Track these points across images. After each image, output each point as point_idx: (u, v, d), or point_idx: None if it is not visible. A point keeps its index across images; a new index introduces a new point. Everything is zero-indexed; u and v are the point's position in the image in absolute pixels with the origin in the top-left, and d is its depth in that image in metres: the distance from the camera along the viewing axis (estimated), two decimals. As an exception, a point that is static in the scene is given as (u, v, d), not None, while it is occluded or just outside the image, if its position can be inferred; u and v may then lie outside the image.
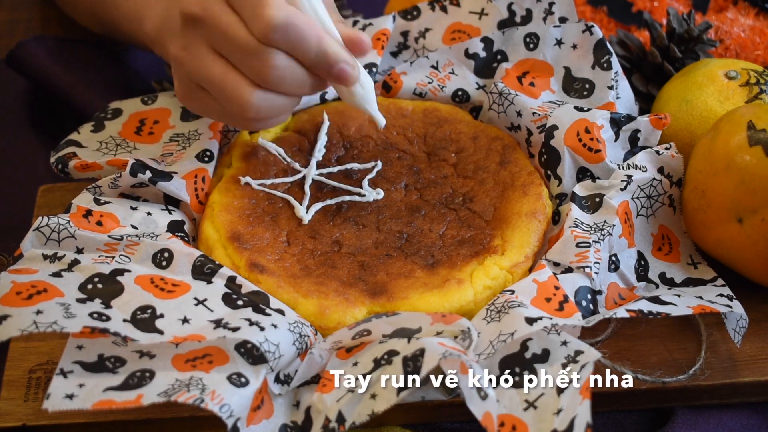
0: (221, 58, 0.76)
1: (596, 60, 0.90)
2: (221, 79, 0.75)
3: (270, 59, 0.74)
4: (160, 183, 0.82)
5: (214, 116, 0.80)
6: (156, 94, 0.92)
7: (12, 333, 0.67)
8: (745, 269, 0.81)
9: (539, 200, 0.84)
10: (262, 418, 0.71)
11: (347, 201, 0.85)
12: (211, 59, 0.76)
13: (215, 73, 0.76)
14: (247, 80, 0.75)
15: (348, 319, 0.76)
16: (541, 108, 0.88)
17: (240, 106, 0.76)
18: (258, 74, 0.75)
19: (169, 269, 0.77)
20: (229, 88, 0.75)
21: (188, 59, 0.76)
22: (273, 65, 0.74)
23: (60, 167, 0.85)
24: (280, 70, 0.75)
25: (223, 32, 0.74)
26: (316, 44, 0.75)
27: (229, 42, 0.74)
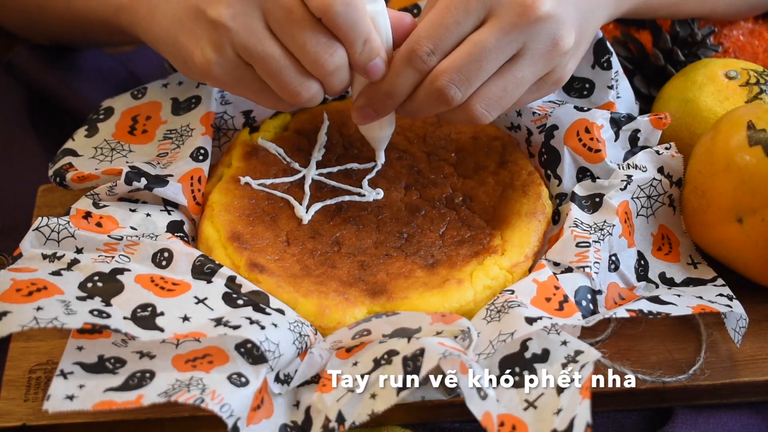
0: (276, 38, 0.73)
1: (596, 59, 0.90)
2: (279, 63, 0.73)
3: (332, 48, 0.73)
4: (156, 189, 0.82)
5: (248, 94, 0.78)
6: (145, 86, 0.92)
7: (12, 329, 0.67)
8: (745, 269, 0.81)
9: (539, 200, 0.84)
10: (262, 418, 0.71)
11: (347, 201, 0.85)
12: (267, 36, 0.73)
13: (273, 54, 0.73)
14: (303, 70, 0.74)
15: (348, 319, 0.76)
16: (541, 108, 0.88)
17: (291, 95, 0.74)
18: (315, 64, 0.73)
19: (168, 269, 0.77)
20: (285, 77, 0.73)
21: (240, 30, 0.73)
22: (334, 54, 0.73)
23: (58, 180, 0.85)
24: (339, 60, 0.73)
25: (286, 7, 0.71)
26: (367, 32, 0.73)
27: (291, 19, 0.72)
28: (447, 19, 0.73)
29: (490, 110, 0.76)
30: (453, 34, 0.74)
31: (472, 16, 0.73)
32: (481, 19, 0.74)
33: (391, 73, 0.76)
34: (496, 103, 0.76)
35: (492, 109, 0.76)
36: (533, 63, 0.75)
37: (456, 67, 0.73)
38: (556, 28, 0.75)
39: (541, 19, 0.73)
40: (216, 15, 0.73)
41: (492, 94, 0.76)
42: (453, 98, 0.74)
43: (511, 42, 0.74)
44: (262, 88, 0.76)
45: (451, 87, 0.74)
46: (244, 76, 0.75)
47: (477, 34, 0.74)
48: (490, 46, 0.73)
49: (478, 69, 0.74)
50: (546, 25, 0.74)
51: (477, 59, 0.73)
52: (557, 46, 0.75)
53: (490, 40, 0.73)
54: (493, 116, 0.77)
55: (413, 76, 0.75)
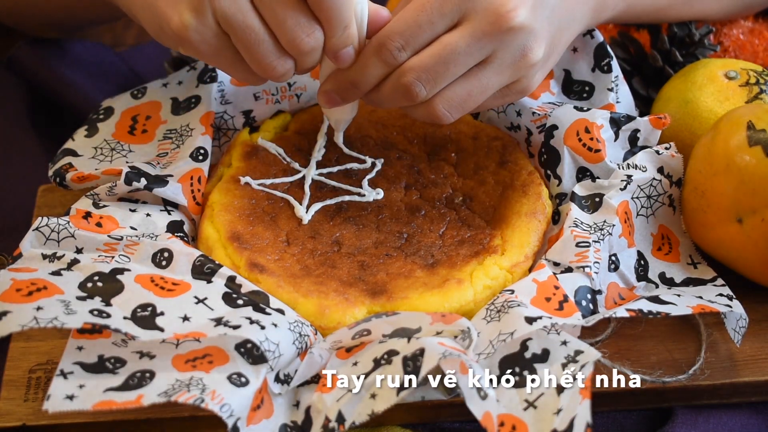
0: (257, 10, 0.73)
1: (596, 63, 0.90)
2: (257, 36, 0.73)
3: (310, 29, 0.73)
4: (156, 189, 0.82)
5: (221, 64, 0.77)
6: (145, 86, 0.92)
7: (12, 328, 0.67)
8: (745, 269, 0.81)
9: (539, 200, 0.84)
10: (262, 418, 0.71)
11: (347, 201, 0.86)
12: (249, 8, 0.72)
13: (253, 27, 0.73)
14: (280, 46, 0.74)
15: (348, 319, 0.76)
16: (540, 108, 0.88)
17: (265, 70, 0.75)
18: (292, 42, 0.73)
19: (168, 269, 0.77)
20: (261, 50, 0.74)
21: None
22: (311, 35, 0.73)
23: (58, 180, 0.85)
24: (315, 42, 0.74)
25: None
26: (349, 19, 0.74)
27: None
28: (421, 17, 0.74)
29: (452, 111, 0.77)
30: (425, 33, 0.74)
31: (446, 18, 0.74)
32: (454, 21, 0.74)
33: (360, 64, 0.76)
34: (458, 105, 0.77)
35: (454, 110, 0.77)
36: (500, 71, 0.76)
37: (424, 66, 0.74)
38: (526, 39, 0.75)
39: (513, 29, 0.74)
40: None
41: (456, 96, 0.76)
42: (417, 95, 0.75)
43: (481, 48, 0.74)
44: (236, 60, 0.76)
45: (417, 84, 0.75)
46: (220, 45, 0.75)
47: (448, 36, 0.74)
48: (460, 49, 0.74)
49: (445, 70, 0.75)
50: (517, 35, 0.75)
51: (445, 61, 0.74)
52: (526, 57, 0.76)
53: (460, 43, 0.74)
54: (454, 117, 0.78)
55: (381, 69, 0.76)
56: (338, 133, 0.87)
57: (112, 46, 1.12)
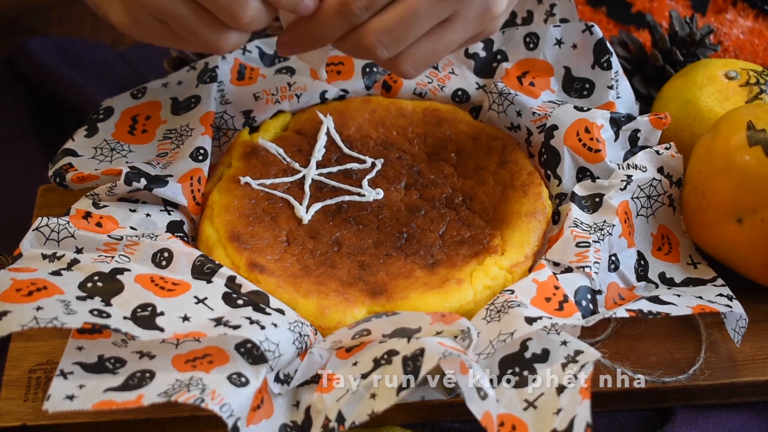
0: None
1: (596, 60, 0.90)
2: (191, 21, 0.72)
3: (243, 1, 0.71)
4: (156, 189, 0.82)
5: (172, 44, 0.77)
6: (145, 86, 0.92)
7: (12, 328, 0.67)
8: (745, 269, 0.81)
9: (539, 200, 0.84)
10: (262, 418, 0.71)
11: (347, 201, 0.85)
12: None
13: (184, 14, 0.72)
14: (219, 22, 0.73)
15: (348, 319, 0.76)
16: (540, 108, 0.88)
17: (212, 47, 0.74)
18: (230, 15, 0.72)
19: (168, 269, 0.77)
20: (201, 33, 0.73)
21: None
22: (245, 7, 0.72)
23: (58, 180, 0.85)
24: (254, 12, 0.72)
25: None
26: None
27: None
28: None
29: (417, 68, 0.77)
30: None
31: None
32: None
33: (321, 20, 0.75)
34: (423, 63, 0.76)
35: (419, 67, 0.77)
36: (464, 28, 0.76)
37: (385, 28, 0.73)
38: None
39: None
40: None
41: (420, 55, 0.76)
42: (380, 56, 0.75)
43: (444, 8, 0.74)
44: (183, 40, 0.75)
45: (378, 46, 0.74)
46: (163, 31, 0.75)
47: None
48: (422, 10, 0.73)
49: (406, 32, 0.74)
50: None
51: (407, 22, 0.73)
52: (489, 11, 0.75)
53: (422, 4, 0.73)
54: (419, 73, 0.77)
55: (343, 27, 0.75)
56: (320, 70, 0.84)
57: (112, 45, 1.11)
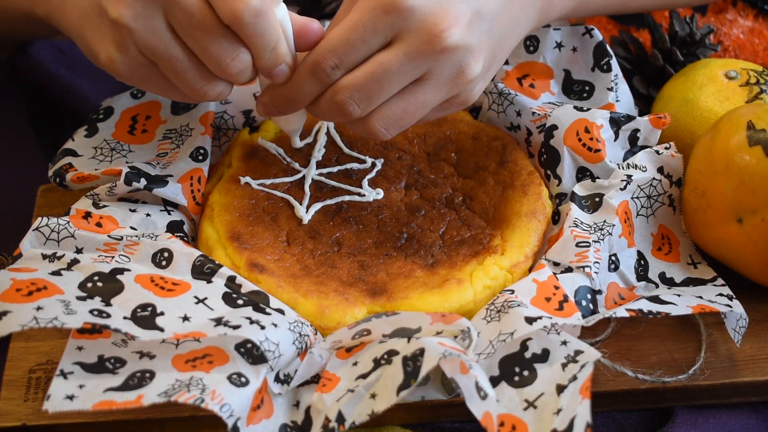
0: (179, 39, 0.72)
1: (596, 62, 0.90)
2: (183, 64, 0.73)
3: (234, 52, 0.72)
4: (156, 189, 0.82)
5: (156, 90, 0.77)
6: None
7: (12, 328, 0.67)
8: (745, 269, 0.81)
9: (539, 200, 0.84)
10: (262, 418, 0.71)
11: (347, 201, 0.85)
12: (169, 38, 0.72)
13: (176, 56, 0.73)
14: (207, 71, 0.73)
15: (348, 319, 0.76)
16: (540, 108, 0.88)
17: (197, 94, 0.74)
18: (218, 67, 0.73)
19: (168, 269, 0.77)
20: (189, 78, 0.73)
21: (142, 31, 0.72)
22: (236, 58, 0.72)
23: (58, 180, 0.85)
24: (242, 64, 0.73)
25: (188, 11, 0.71)
26: (275, 40, 0.73)
27: (193, 22, 0.71)
28: (354, 36, 0.73)
29: (389, 129, 0.76)
30: (358, 51, 0.73)
31: (379, 36, 0.73)
32: (387, 39, 0.73)
33: (295, 82, 0.76)
34: (395, 123, 0.76)
35: (391, 128, 0.76)
36: (437, 89, 0.75)
37: (357, 85, 0.73)
38: (463, 57, 0.74)
39: (447, 49, 0.73)
40: (117, 15, 0.72)
41: (392, 114, 0.75)
42: (352, 113, 0.74)
43: (415, 67, 0.73)
44: (169, 86, 0.76)
45: (350, 103, 0.74)
46: (150, 73, 0.75)
47: (382, 55, 0.73)
48: (393, 68, 0.73)
49: (379, 89, 0.73)
50: (452, 55, 0.73)
51: (378, 80, 0.73)
52: (463, 74, 0.75)
53: (393, 62, 0.73)
54: (392, 134, 0.77)
55: (316, 86, 0.75)
56: (294, 138, 0.86)
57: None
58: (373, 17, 0.72)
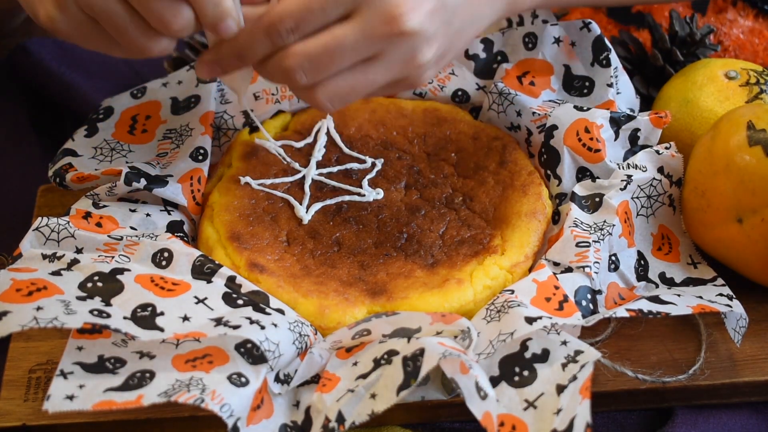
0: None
1: (595, 57, 0.90)
2: (124, 20, 0.71)
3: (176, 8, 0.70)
4: (156, 189, 0.82)
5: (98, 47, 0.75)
6: (144, 86, 0.92)
7: (12, 328, 0.67)
8: (745, 269, 0.81)
9: (539, 200, 0.84)
10: (262, 418, 0.71)
11: (347, 201, 0.85)
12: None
13: (116, 12, 0.71)
14: (149, 27, 0.71)
15: (348, 319, 0.76)
16: (540, 108, 0.88)
17: (140, 50, 0.73)
18: (159, 24, 0.71)
19: (168, 269, 0.77)
20: (131, 33, 0.71)
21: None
22: (178, 14, 0.71)
23: (58, 180, 0.85)
24: (185, 21, 0.71)
25: None
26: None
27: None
28: (314, 3, 0.72)
29: (333, 102, 0.75)
30: (317, 19, 0.72)
31: (340, 7, 0.72)
32: (348, 11, 0.72)
33: (247, 37, 0.74)
34: (340, 98, 0.75)
35: (336, 101, 0.75)
36: (387, 69, 0.74)
37: (308, 54, 0.72)
38: (417, 43, 0.73)
39: (403, 33, 0.72)
40: None
41: (339, 89, 0.74)
42: (298, 81, 0.74)
43: (369, 46, 0.72)
44: (111, 42, 0.74)
45: (298, 71, 0.73)
46: (91, 30, 0.73)
47: (338, 28, 0.72)
48: (347, 44, 0.72)
49: (329, 62, 0.72)
50: (407, 39, 0.73)
51: (330, 53, 0.72)
52: (414, 59, 0.74)
53: (349, 38, 0.72)
54: (335, 108, 0.76)
55: (268, 47, 0.74)
56: (241, 97, 0.84)
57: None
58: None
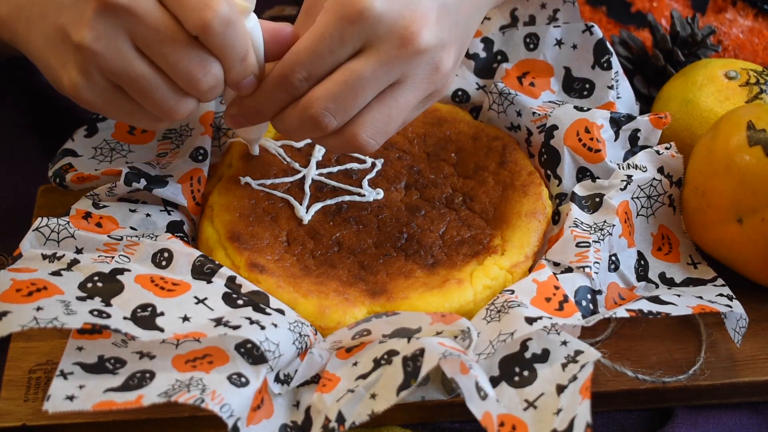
0: (145, 57, 0.70)
1: (596, 60, 0.90)
2: (151, 83, 0.70)
3: (206, 66, 0.70)
4: (156, 189, 0.82)
5: (122, 116, 0.74)
6: None
7: (12, 328, 0.67)
8: (745, 269, 0.81)
9: (539, 200, 0.84)
10: (262, 418, 0.71)
11: (347, 201, 0.85)
12: (135, 57, 0.69)
13: (144, 75, 0.70)
14: (177, 87, 0.71)
15: (348, 319, 0.76)
16: (540, 108, 0.88)
17: (168, 114, 0.72)
18: (189, 83, 0.70)
19: (168, 269, 0.77)
20: (159, 96, 0.71)
21: (105, 53, 0.69)
22: (208, 73, 0.70)
23: (57, 181, 0.85)
24: (214, 79, 0.70)
25: (153, 26, 0.68)
26: (245, 51, 0.71)
27: (159, 38, 0.68)
28: (320, 47, 0.70)
29: (376, 137, 0.74)
30: (327, 62, 0.71)
31: (348, 46, 0.71)
32: (356, 48, 0.71)
33: (263, 93, 0.73)
34: (382, 130, 0.74)
35: (378, 136, 0.74)
36: (415, 88, 0.73)
37: (331, 95, 0.71)
38: (436, 55, 0.73)
39: (420, 51, 0.71)
40: (79, 39, 0.69)
41: (376, 121, 0.73)
42: (328, 125, 0.72)
43: (389, 72, 0.71)
44: (135, 109, 0.73)
45: (325, 115, 0.72)
46: (115, 98, 0.72)
47: (353, 63, 0.71)
48: (367, 75, 0.71)
49: (354, 97, 0.71)
50: (426, 55, 0.72)
51: (352, 87, 0.71)
52: (438, 70, 0.73)
53: (366, 69, 0.70)
54: (379, 143, 0.74)
55: (285, 98, 0.73)
56: (253, 147, 0.85)
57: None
58: (339, 28, 0.70)
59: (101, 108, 0.73)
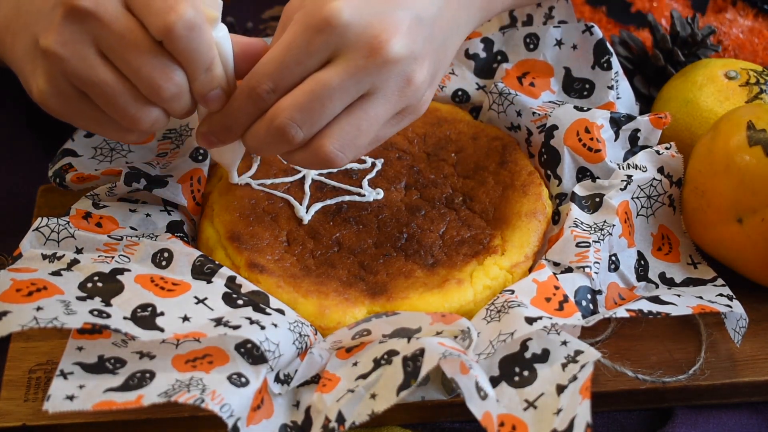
0: (110, 63, 0.69)
1: (596, 60, 0.90)
2: (114, 89, 0.69)
3: (168, 72, 0.68)
4: (156, 189, 0.82)
5: (89, 125, 0.73)
6: None
7: (12, 328, 0.67)
8: (745, 269, 0.81)
9: (539, 200, 0.84)
10: (262, 418, 0.71)
11: (347, 201, 0.86)
12: (99, 62, 0.68)
13: (106, 80, 0.68)
14: (140, 95, 0.69)
15: (348, 319, 0.76)
16: (540, 108, 0.88)
17: (131, 122, 0.70)
18: (150, 89, 0.69)
19: (168, 269, 0.77)
20: (122, 103, 0.69)
21: (70, 58, 0.68)
22: (170, 79, 0.69)
23: (57, 181, 0.85)
24: (176, 87, 0.69)
25: (117, 32, 0.67)
26: (210, 59, 0.69)
27: (123, 43, 0.67)
28: (287, 57, 0.69)
29: (345, 150, 0.72)
30: (294, 73, 0.70)
31: (315, 57, 0.69)
32: (324, 59, 0.70)
33: (231, 107, 0.72)
34: (351, 143, 0.71)
35: (347, 149, 0.72)
36: (386, 101, 0.71)
37: (297, 105, 0.69)
38: (407, 67, 0.70)
39: (390, 61, 0.69)
40: (46, 44, 0.68)
41: (345, 133, 0.71)
42: (294, 137, 0.70)
43: (358, 83, 0.69)
44: (102, 119, 0.72)
45: (291, 126, 0.70)
46: (81, 106, 0.71)
47: (321, 74, 0.69)
48: (334, 85, 0.69)
49: (321, 108, 0.69)
50: (396, 66, 0.70)
51: (319, 98, 0.69)
52: (410, 83, 0.71)
53: (334, 80, 0.69)
54: (349, 158, 0.72)
55: (253, 112, 0.72)
56: (231, 173, 0.84)
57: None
58: (306, 38, 0.69)
59: (68, 116, 0.72)
